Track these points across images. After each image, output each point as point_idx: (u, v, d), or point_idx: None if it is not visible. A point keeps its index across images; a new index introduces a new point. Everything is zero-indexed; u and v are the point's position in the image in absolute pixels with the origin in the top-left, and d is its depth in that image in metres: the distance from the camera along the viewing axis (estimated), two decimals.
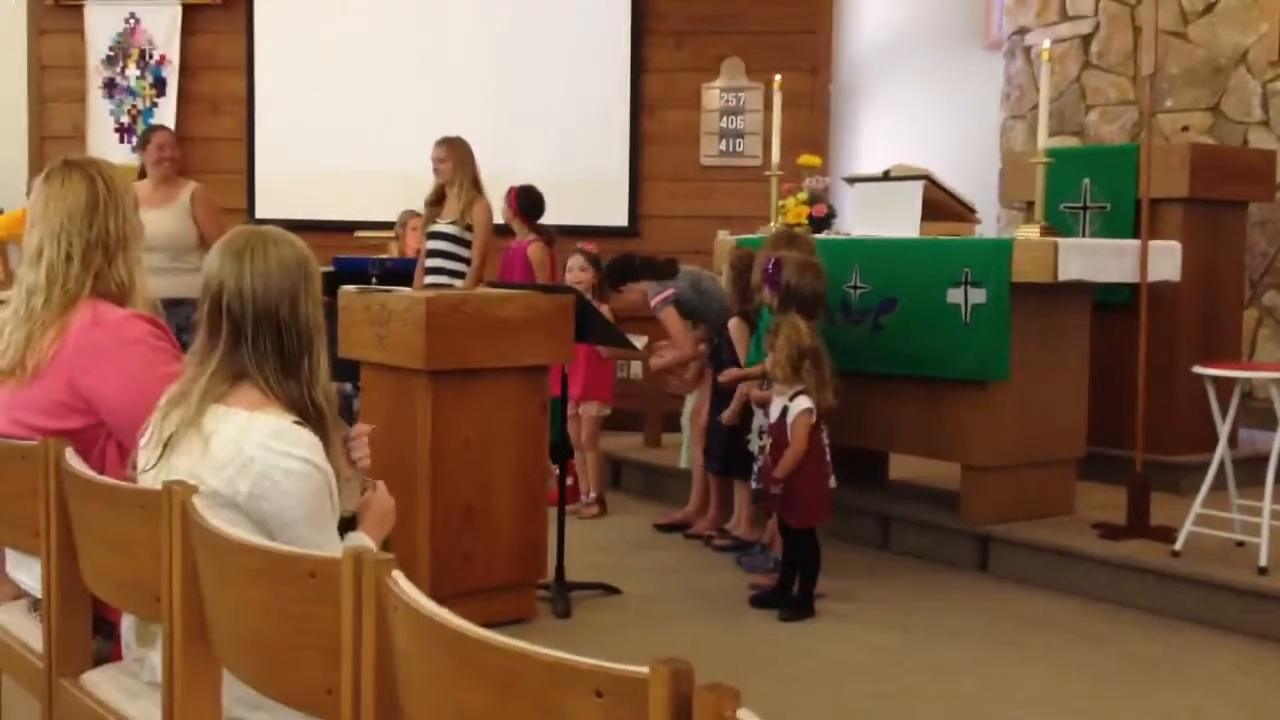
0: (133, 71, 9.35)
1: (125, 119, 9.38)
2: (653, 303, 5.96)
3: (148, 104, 9.33)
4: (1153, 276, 5.38)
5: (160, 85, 9.31)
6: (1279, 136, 7.10)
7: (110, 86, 9.39)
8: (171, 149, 6.79)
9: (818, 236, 6.05)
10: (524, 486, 4.61)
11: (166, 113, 9.15)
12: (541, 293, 4.82)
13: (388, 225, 8.13)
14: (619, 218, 8.72)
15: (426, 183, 6.94)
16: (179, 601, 2.10)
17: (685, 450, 6.29)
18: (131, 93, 9.36)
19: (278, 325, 2.31)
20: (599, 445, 6.49)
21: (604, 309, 6.19)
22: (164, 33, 9.25)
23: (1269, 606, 4.53)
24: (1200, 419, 5.23)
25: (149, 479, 2.31)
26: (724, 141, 8.84)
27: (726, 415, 5.39)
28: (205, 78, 9.26)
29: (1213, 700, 3.97)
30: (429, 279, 6.68)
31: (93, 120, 9.38)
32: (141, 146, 6.84)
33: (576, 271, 6.28)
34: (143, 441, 2.41)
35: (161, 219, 6.46)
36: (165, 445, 2.31)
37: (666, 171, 8.77)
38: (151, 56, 9.32)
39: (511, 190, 6.86)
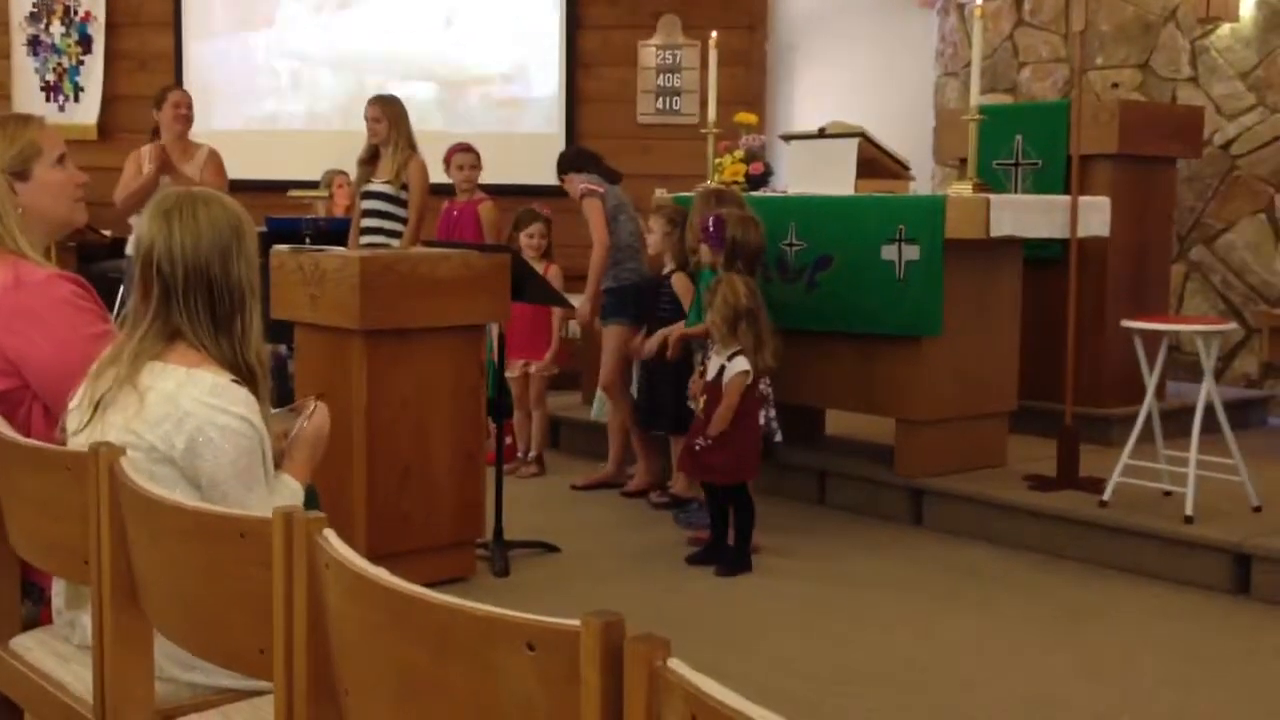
0: (57, 28, 9.15)
1: (51, 77, 9.19)
2: (580, 188, 5.94)
3: (73, 61, 9.15)
4: (1083, 232, 5.45)
5: (86, 42, 9.12)
6: (1207, 93, 7.20)
7: (35, 44, 9.20)
8: (188, 108, 6.77)
9: (754, 194, 6.07)
10: (462, 446, 4.60)
11: (93, 70, 8.98)
12: (478, 252, 4.80)
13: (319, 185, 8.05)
14: (556, 176, 8.68)
15: (359, 141, 6.86)
16: (108, 564, 2.08)
17: (597, 404, 6.30)
18: (57, 50, 9.17)
19: (209, 284, 2.31)
20: (546, 404, 6.49)
21: (551, 270, 6.19)
22: None
23: (1195, 554, 4.63)
24: (1129, 372, 5.33)
25: (81, 441, 2.29)
26: (661, 100, 8.82)
27: (650, 345, 5.36)
28: (132, 34, 9.08)
29: (1141, 645, 4.06)
30: (365, 239, 6.62)
31: (17, 78, 9.18)
32: (157, 106, 6.74)
33: (537, 238, 6.36)
34: (73, 404, 2.38)
35: (178, 181, 6.44)
36: (97, 405, 2.29)
37: (603, 130, 8.72)
38: (76, 13, 9.12)
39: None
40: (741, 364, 4.68)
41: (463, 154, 6.88)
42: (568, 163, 6.23)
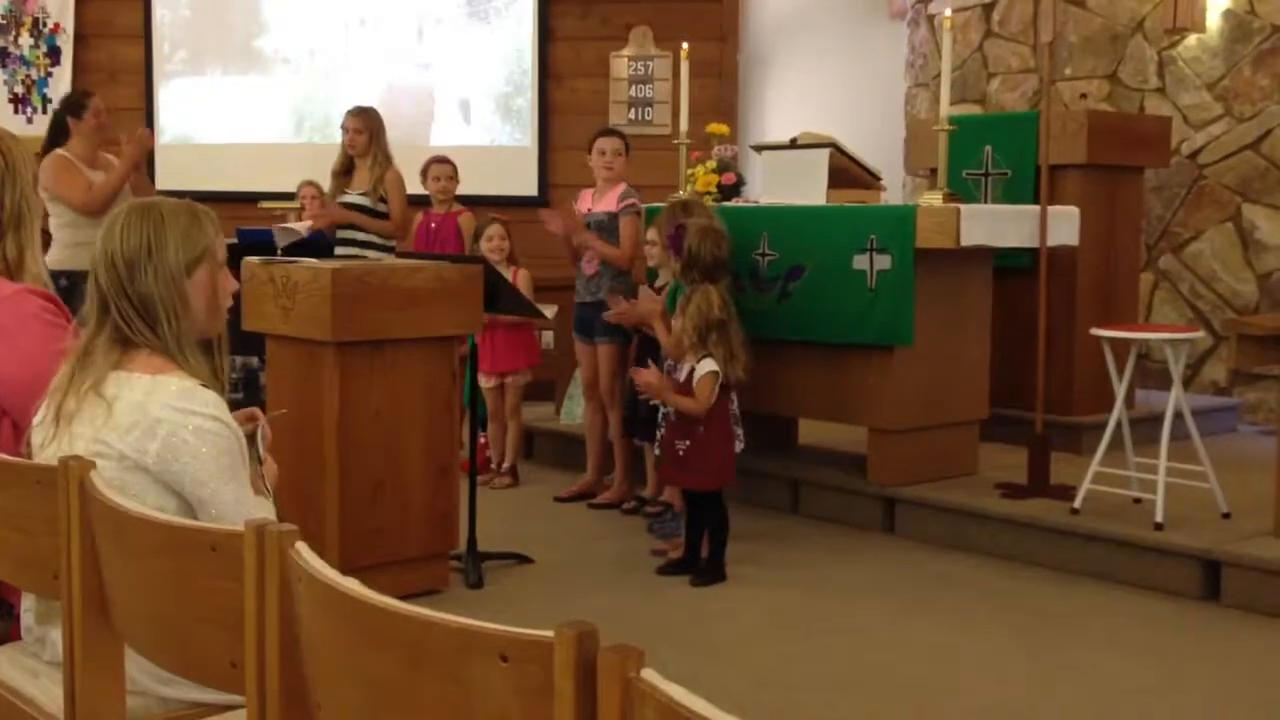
0: (26, 40, 9.09)
1: (19, 89, 9.13)
2: (626, 202, 5.81)
3: (42, 73, 9.09)
4: (1052, 241, 5.49)
5: (55, 54, 9.07)
6: (1175, 103, 7.26)
7: (3, 56, 9.13)
8: (108, 115, 6.45)
9: (727, 204, 6.08)
10: (435, 458, 4.59)
11: (62, 82, 8.92)
12: (450, 262, 4.80)
13: (291, 196, 8.01)
14: (529, 187, 8.68)
15: (331, 153, 6.85)
16: (78, 578, 2.07)
17: (567, 406, 6.24)
18: (25, 62, 9.11)
19: (126, 294, 2.33)
20: (521, 415, 6.48)
21: (519, 275, 6.19)
22: (57, 0, 9.00)
23: (1165, 561, 4.66)
24: (1098, 380, 5.36)
25: (48, 454, 2.28)
26: (633, 110, 8.82)
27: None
28: (101, 46, 9.03)
29: (1111, 653, 4.09)
30: (340, 250, 6.61)
31: None
32: (75, 113, 6.28)
33: (497, 240, 6.28)
34: (37, 419, 2.37)
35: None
36: (61, 418, 2.29)
37: (576, 141, 8.68)
38: (45, 25, 9.06)
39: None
40: (710, 365, 4.69)
41: (440, 165, 6.88)
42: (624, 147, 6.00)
